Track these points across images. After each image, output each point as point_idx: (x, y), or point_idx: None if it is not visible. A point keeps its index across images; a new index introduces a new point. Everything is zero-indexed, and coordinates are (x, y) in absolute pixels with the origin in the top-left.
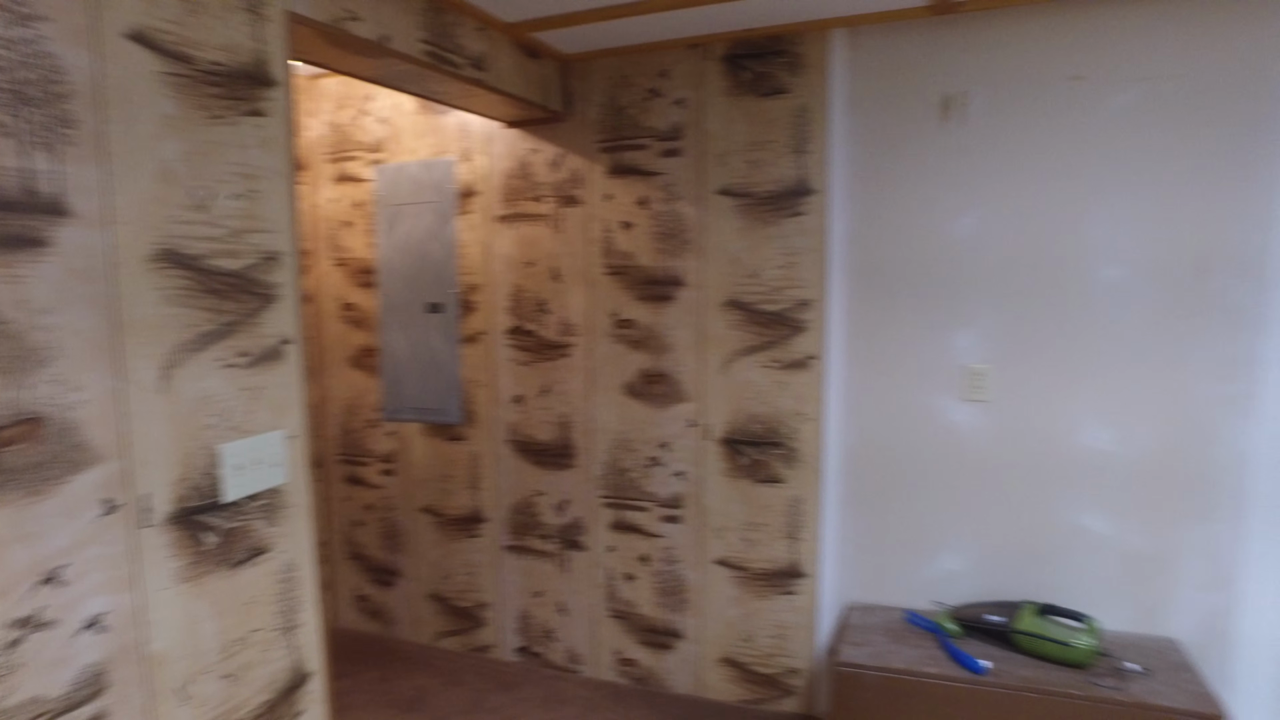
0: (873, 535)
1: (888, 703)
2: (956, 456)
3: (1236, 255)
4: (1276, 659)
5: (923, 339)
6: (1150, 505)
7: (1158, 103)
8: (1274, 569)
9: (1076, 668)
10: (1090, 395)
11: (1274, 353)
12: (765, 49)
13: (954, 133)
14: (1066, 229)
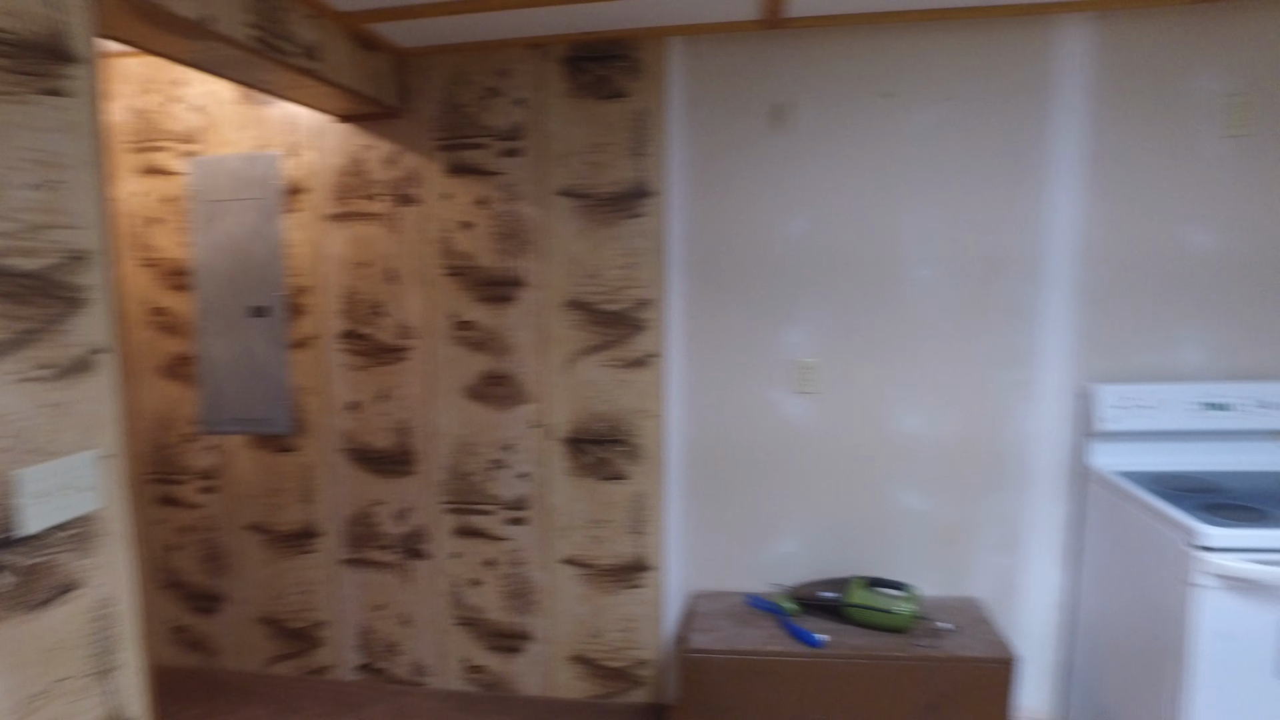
0: (714, 525)
1: (735, 683)
2: (790, 446)
3: (1018, 257)
4: (1050, 606)
5: (757, 335)
6: (955, 481)
7: (955, 121)
8: (1049, 531)
9: (900, 632)
10: (905, 384)
11: (1050, 343)
12: (605, 52)
13: (784, 140)
14: (883, 232)
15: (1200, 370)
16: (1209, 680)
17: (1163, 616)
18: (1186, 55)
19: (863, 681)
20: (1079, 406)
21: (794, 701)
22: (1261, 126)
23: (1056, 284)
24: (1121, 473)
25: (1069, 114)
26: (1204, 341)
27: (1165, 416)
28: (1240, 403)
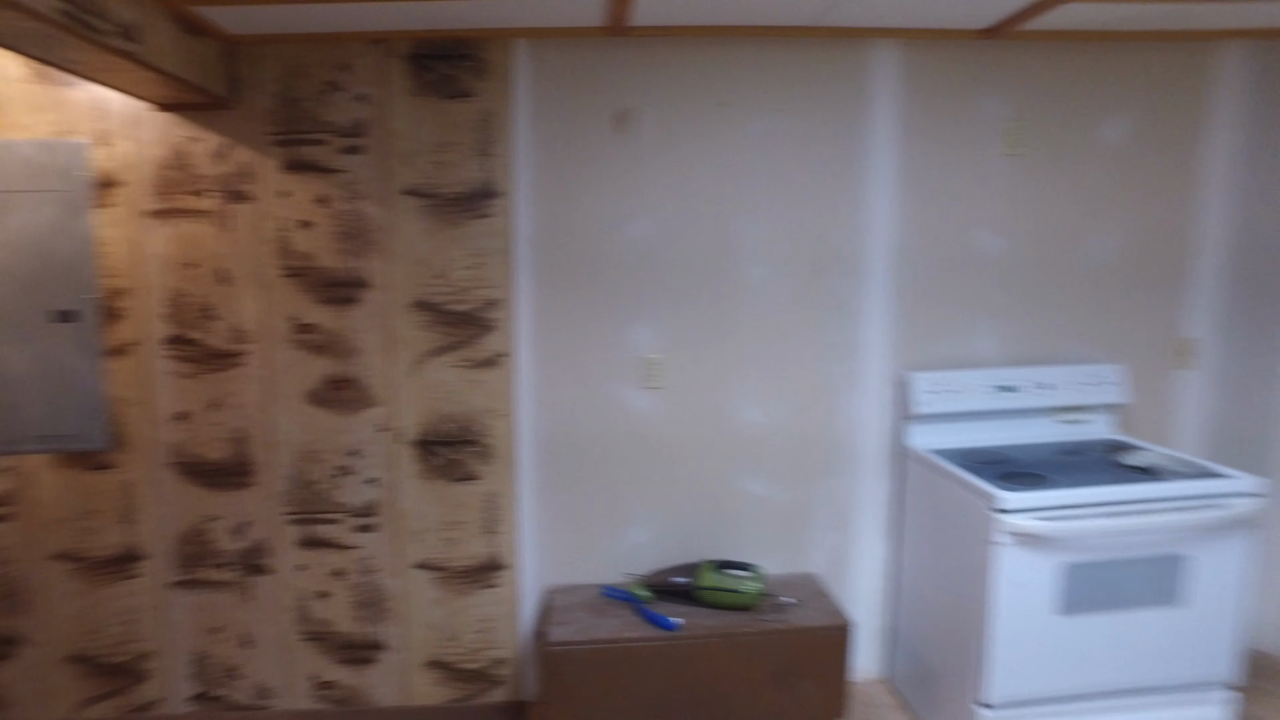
0: (567, 520)
1: (596, 673)
2: (638, 440)
3: (843, 257)
4: (877, 575)
5: (605, 333)
6: (792, 467)
7: (786, 130)
8: (875, 508)
9: (749, 609)
10: (744, 377)
11: (871, 336)
12: (450, 51)
13: (628, 144)
14: (722, 233)
15: (992, 358)
16: (1005, 621)
17: (969, 573)
18: (975, 82)
19: (717, 658)
20: (897, 393)
21: (654, 684)
22: (1032, 148)
23: (876, 282)
24: (934, 450)
25: (884, 127)
26: (994, 332)
27: (967, 399)
28: (1024, 385)
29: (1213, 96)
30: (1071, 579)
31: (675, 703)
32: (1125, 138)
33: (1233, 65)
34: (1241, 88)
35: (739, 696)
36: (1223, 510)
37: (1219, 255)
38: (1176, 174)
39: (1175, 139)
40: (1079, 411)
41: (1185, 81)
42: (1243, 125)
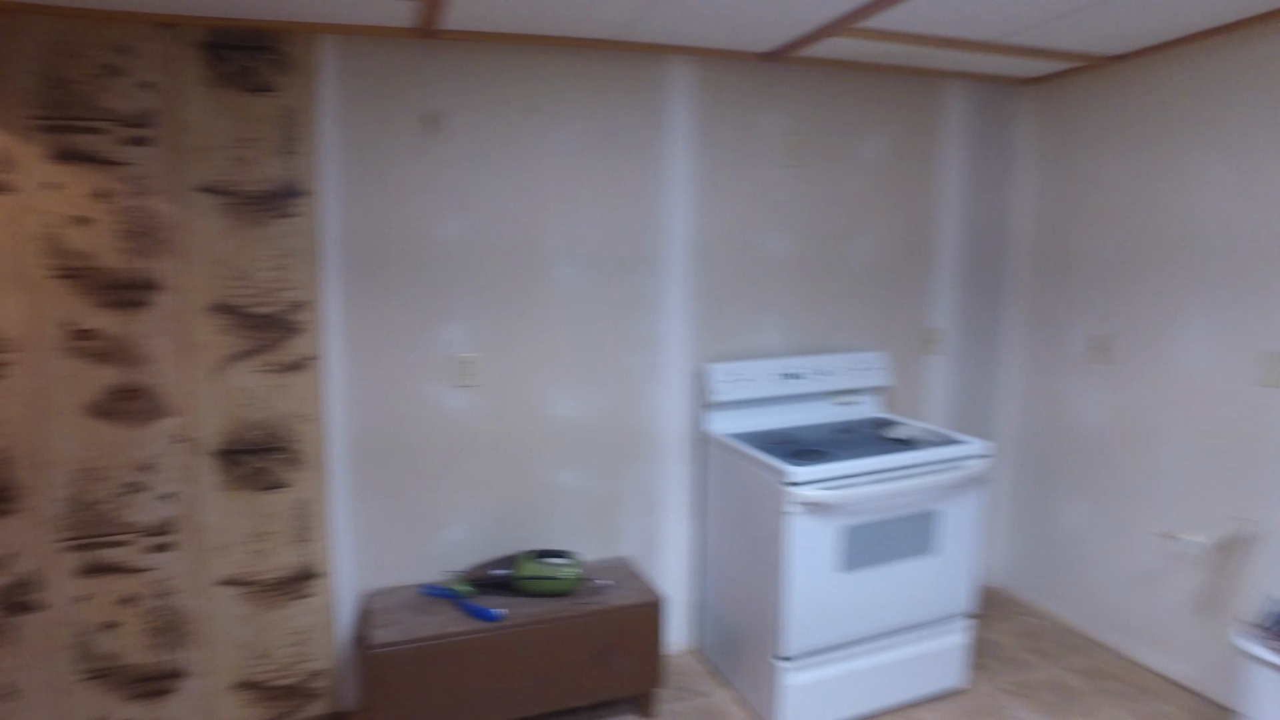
0: (384, 522)
1: (421, 672)
2: (454, 438)
3: (645, 257)
4: (684, 554)
5: (418, 334)
6: (602, 457)
7: (592, 136)
8: (679, 491)
9: (568, 594)
10: (555, 373)
11: (671, 330)
12: (249, 42)
13: (439, 146)
14: (531, 234)
15: (778, 348)
16: (797, 582)
17: (765, 542)
18: (760, 100)
19: (540, 644)
20: (695, 383)
21: (480, 676)
22: (808, 160)
23: (675, 280)
24: (730, 434)
25: (680, 137)
26: (780, 325)
27: (758, 386)
28: (807, 372)
29: (944, 123)
30: (850, 540)
31: (502, 691)
32: (882, 154)
33: (957, 99)
34: (964, 117)
35: (563, 677)
36: (962, 471)
37: (953, 257)
38: (920, 187)
39: (919, 157)
40: (851, 394)
41: (926, 109)
42: (965, 148)
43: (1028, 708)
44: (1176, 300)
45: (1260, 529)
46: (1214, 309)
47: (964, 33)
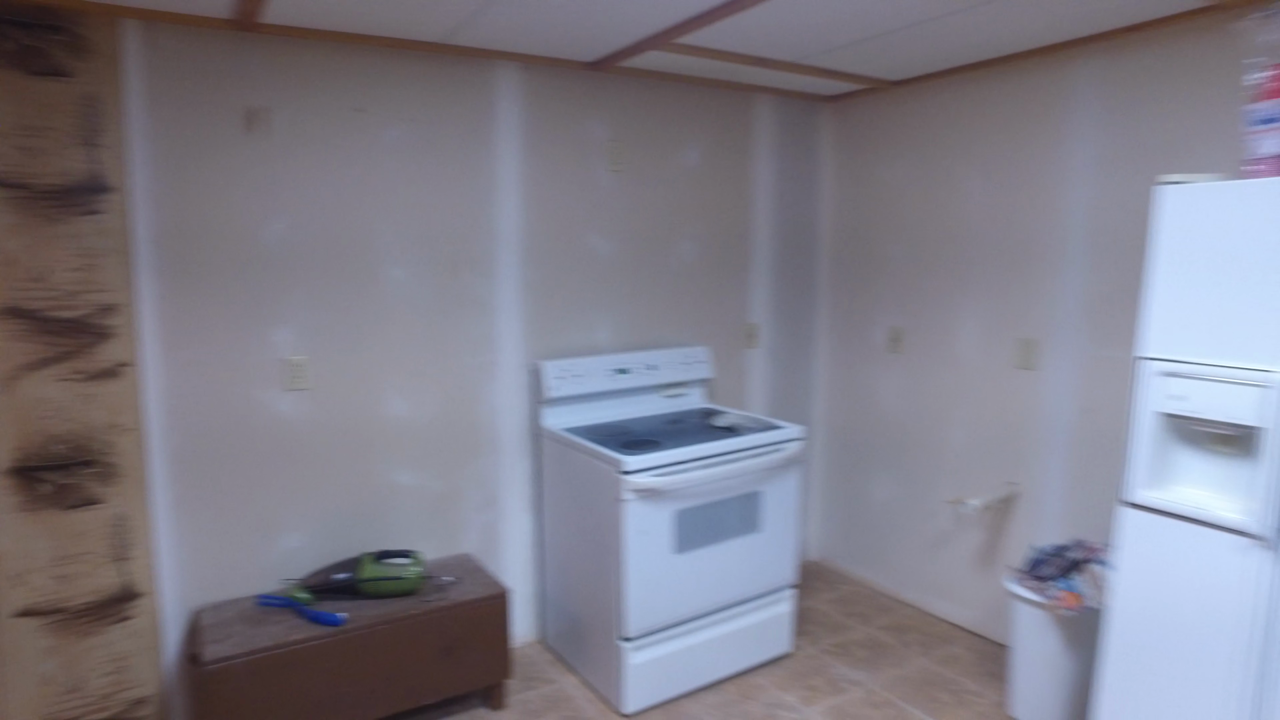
0: (214, 534)
1: (261, 683)
2: (287, 442)
3: (478, 259)
4: (525, 546)
5: (244, 337)
6: (440, 456)
7: (421, 139)
8: (518, 485)
9: (412, 594)
10: (390, 374)
11: (505, 329)
12: (32, 19)
13: (262, 143)
14: (361, 235)
15: (609, 345)
16: (635, 565)
17: (603, 530)
18: (585, 107)
19: (386, 645)
20: (531, 380)
21: (325, 683)
22: (631, 166)
23: (507, 280)
24: (566, 429)
25: (508, 141)
26: (609, 323)
27: (590, 382)
28: (636, 367)
29: (757, 134)
30: (682, 523)
31: (349, 696)
32: (700, 161)
33: (768, 112)
34: (774, 130)
35: (411, 676)
36: (781, 453)
37: (768, 258)
38: (736, 193)
39: (734, 165)
40: (679, 387)
41: (740, 120)
42: (776, 157)
43: (846, 664)
44: (953, 295)
45: (1024, 490)
46: (980, 302)
47: (767, 53)
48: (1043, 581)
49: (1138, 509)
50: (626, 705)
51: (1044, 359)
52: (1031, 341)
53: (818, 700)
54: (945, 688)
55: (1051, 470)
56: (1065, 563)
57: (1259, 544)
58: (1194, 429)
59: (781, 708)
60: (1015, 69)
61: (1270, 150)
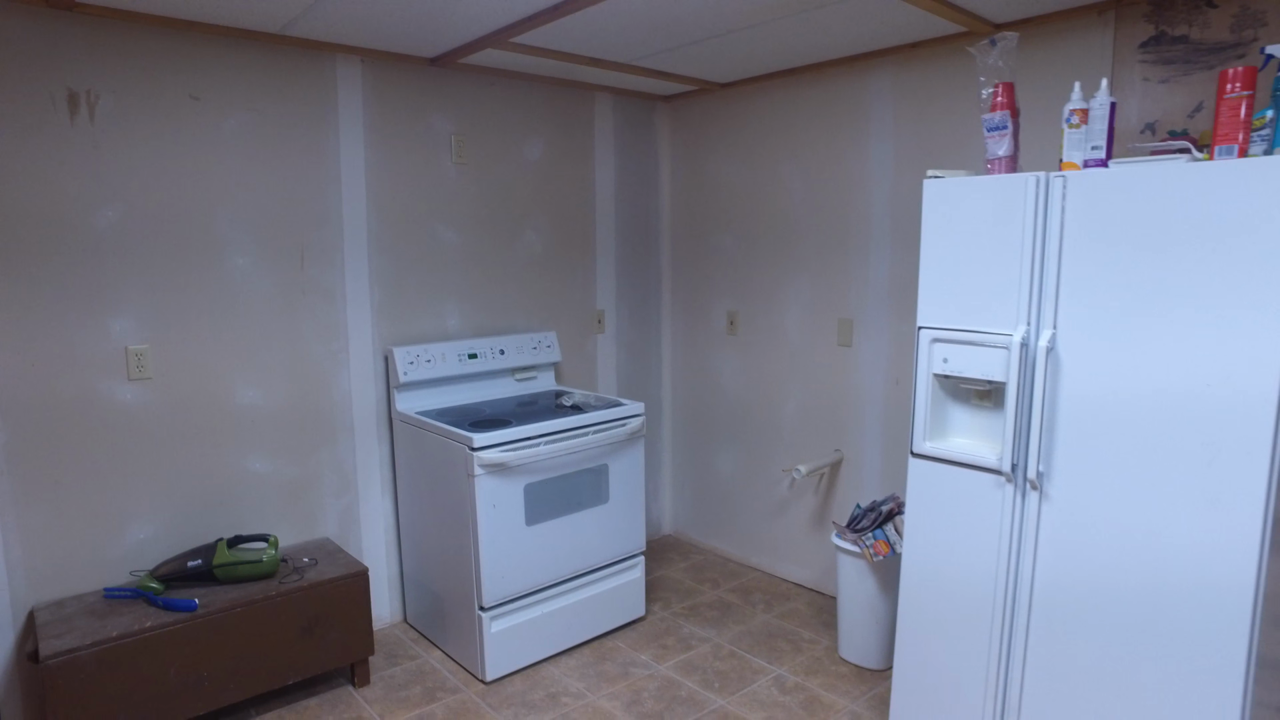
0: (52, 530)
1: (111, 675)
2: (131, 433)
3: (325, 248)
4: (383, 529)
5: (77, 326)
6: (294, 442)
7: (262, 129)
8: (374, 469)
9: (269, 577)
10: (238, 362)
11: (356, 318)
12: None
13: (88, 128)
14: (203, 225)
15: (459, 331)
16: (488, 536)
17: (456, 503)
18: (427, 101)
19: (243, 627)
20: (383, 366)
21: (181, 669)
22: (474, 158)
23: (356, 269)
24: (418, 412)
25: (351, 133)
26: (458, 310)
27: (441, 367)
28: (485, 352)
29: (598, 130)
30: (532, 496)
31: (208, 679)
32: (543, 155)
33: (607, 109)
34: (614, 126)
35: (272, 657)
36: (625, 428)
37: (612, 248)
38: (580, 186)
39: (576, 159)
40: (530, 370)
41: (581, 117)
42: (616, 153)
43: (696, 624)
44: (780, 280)
45: (849, 455)
46: (804, 287)
47: (600, 54)
48: (860, 534)
49: (921, 458)
50: (488, 673)
51: (859, 336)
52: (848, 321)
53: (669, 657)
54: (785, 638)
55: (870, 436)
56: (879, 515)
57: (1005, 479)
58: (960, 387)
59: (636, 665)
60: (827, 76)
61: (1000, 152)
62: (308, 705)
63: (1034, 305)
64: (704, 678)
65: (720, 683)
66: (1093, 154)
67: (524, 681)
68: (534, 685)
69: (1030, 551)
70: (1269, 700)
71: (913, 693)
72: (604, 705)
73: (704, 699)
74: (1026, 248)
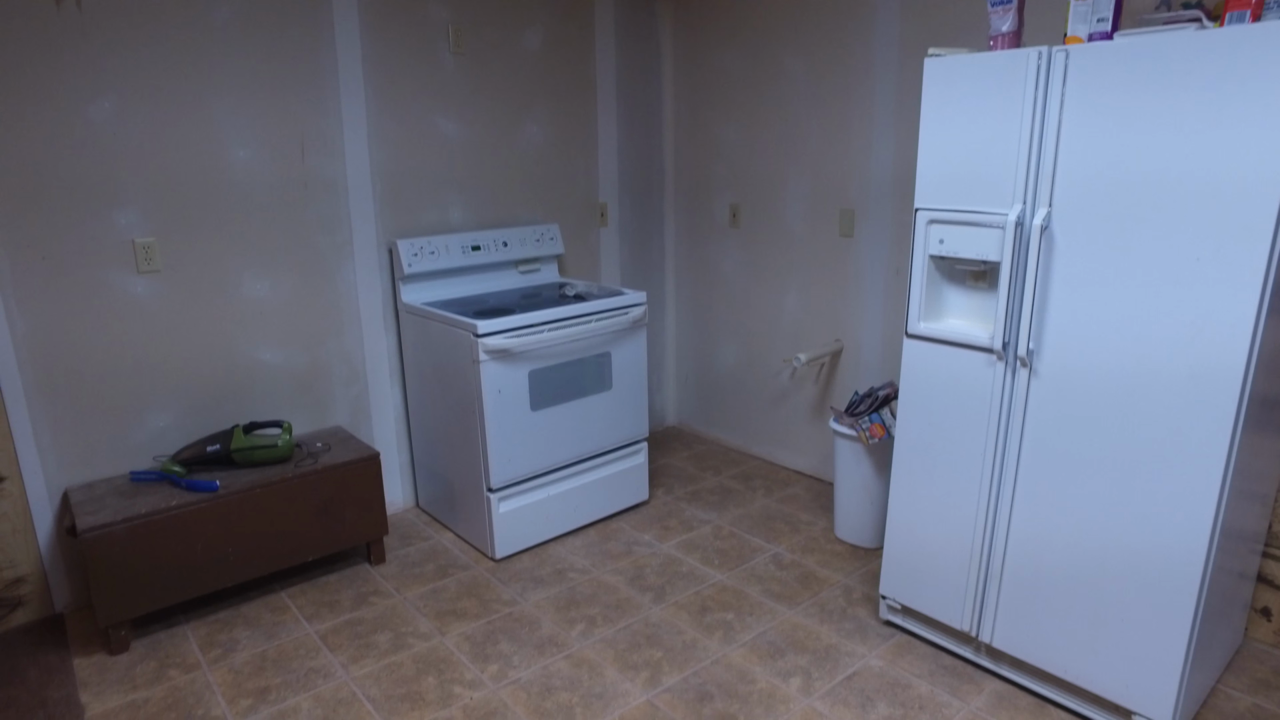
0: (78, 417)
1: (142, 550)
2: (143, 324)
3: (327, 140)
4: (393, 418)
5: (85, 218)
6: (304, 333)
7: (251, 19)
8: (383, 359)
9: (284, 461)
10: (245, 254)
11: (360, 210)
12: None
13: (74, 15)
14: (200, 116)
15: (462, 224)
16: (494, 420)
17: (463, 390)
18: None
19: (263, 507)
20: (387, 259)
21: (204, 547)
22: (472, 48)
23: (357, 161)
24: (424, 303)
25: (347, 20)
26: (461, 203)
27: (445, 258)
28: (488, 244)
29: (598, 20)
30: (536, 382)
31: (232, 555)
32: (541, 45)
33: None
34: (614, 17)
35: (291, 535)
36: (627, 316)
37: (614, 140)
38: (581, 78)
39: (577, 50)
40: (533, 263)
41: (579, 4)
42: (618, 45)
43: (698, 508)
44: (782, 171)
45: (849, 345)
46: (806, 177)
47: None
48: (857, 418)
49: (916, 339)
50: (498, 551)
51: (861, 227)
52: (849, 211)
53: (671, 537)
54: (783, 520)
55: (870, 325)
56: (875, 400)
57: (996, 357)
58: (955, 268)
59: (639, 544)
60: None
61: (1003, 28)
62: (328, 580)
63: (1030, 185)
64: (704, 555)
65: (720, 560)
66: (1098, 27)
67: (532, 559)
68: (541, 562)
69: (1018, 425)
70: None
71: (901, 564)
72: (608, 579)
73: (704, 574)
74: (1025, 125)
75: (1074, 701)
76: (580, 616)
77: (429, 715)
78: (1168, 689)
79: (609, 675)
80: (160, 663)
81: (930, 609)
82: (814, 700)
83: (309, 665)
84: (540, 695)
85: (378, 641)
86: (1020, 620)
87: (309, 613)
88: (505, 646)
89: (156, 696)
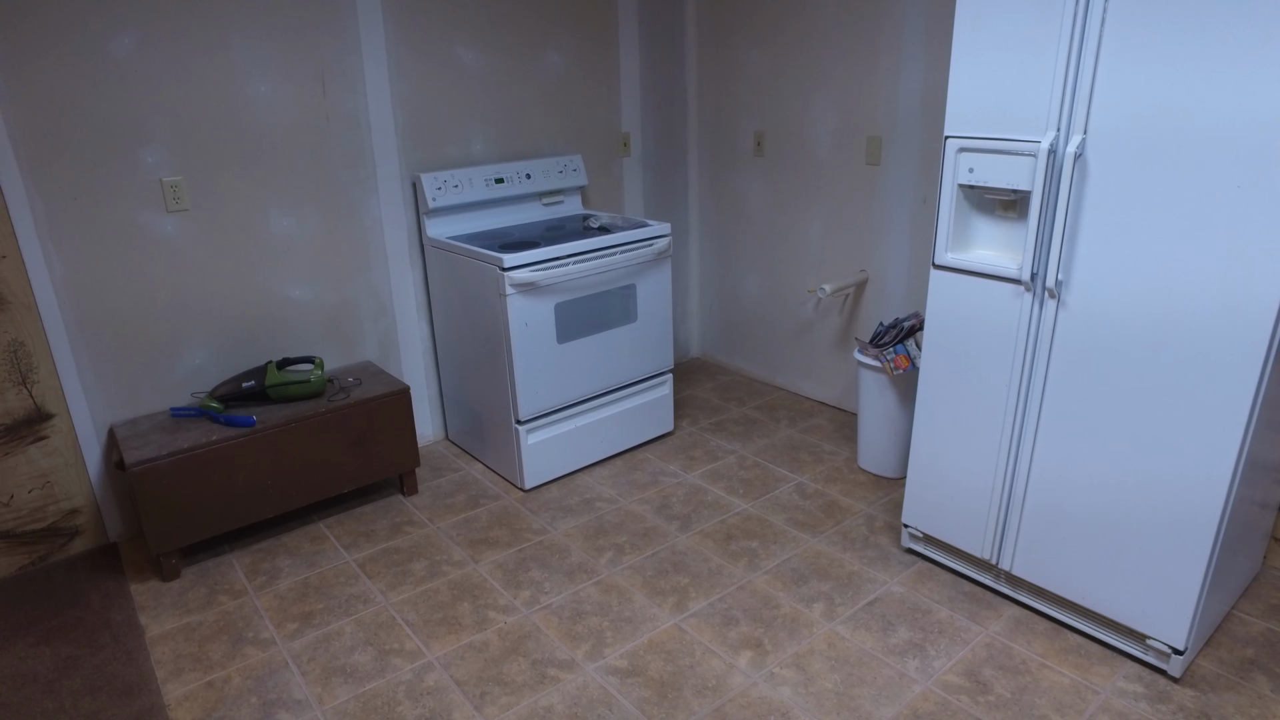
0: (118, 355)
1: (186, 483)
2: (175, 263)
3: (340, 72)
4: (421, 351)
5: (111, 160)
6: (330, 269)
7: None
8: (410, 294)
9: (317, 396)
10: (270, 191)
11: (382, 144)
12: None
13: None
14: (220, 50)
15: (485, 156)
16: (521, 353)
17: (490, 323)
18: None
19: (299, 441)
20: (411, 193)
21: (245, 479)
22: None
23: (378, 95)
24: (449, 237)
25: None
26: (484, 135)
27: (469, 192)
28: (511, 176)
29: None
30: (562, 315)
31: (271, 487)
32: None
33: None
34: None
35: (326, 468)
36: (652, 248)
37: (637, 67)
38: (601, 2)
39: None
40: (557, 194)
41: None
42: None
43: (722, 438)
44: (808, 97)
45: (874, 275)
46: (832, 103)
47: None
48: (881, 349)
49: (943, 270)
50: (526, 481)
51: (888, 154)
52: (877, 138)
53: (696, 467)
54: (807, 451)
55: (896, 256)
56: (901, 331)
57: (1024, 288)
58: (985, 198)
59: (665, 474)
60: None
61: None
62: (363, 511)
63: (1065, 111)
64: (729, 485)
65: (744, 489)
66: None
67: (560, 489)
68: (569, 492)
69: (1044, 357)
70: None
71: (924, 493)
72: (635, 509)
73: (729, 503)
74: (1063, 50)
75: (1090, 626)
76: (609, 544)
77: (465, 638)
78: (1183, 614)
79: (637, 601)
80: (210, 589)
81: (951, 537)
82: (836, 625)
83: (349, 591)
84: (571, 619)
85: (414, 569)
86: (1040, 548)
87: (346, 542)
88: (536, 573)
89: (209, 620)
